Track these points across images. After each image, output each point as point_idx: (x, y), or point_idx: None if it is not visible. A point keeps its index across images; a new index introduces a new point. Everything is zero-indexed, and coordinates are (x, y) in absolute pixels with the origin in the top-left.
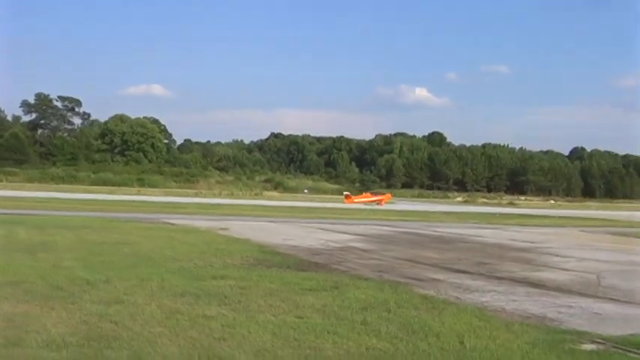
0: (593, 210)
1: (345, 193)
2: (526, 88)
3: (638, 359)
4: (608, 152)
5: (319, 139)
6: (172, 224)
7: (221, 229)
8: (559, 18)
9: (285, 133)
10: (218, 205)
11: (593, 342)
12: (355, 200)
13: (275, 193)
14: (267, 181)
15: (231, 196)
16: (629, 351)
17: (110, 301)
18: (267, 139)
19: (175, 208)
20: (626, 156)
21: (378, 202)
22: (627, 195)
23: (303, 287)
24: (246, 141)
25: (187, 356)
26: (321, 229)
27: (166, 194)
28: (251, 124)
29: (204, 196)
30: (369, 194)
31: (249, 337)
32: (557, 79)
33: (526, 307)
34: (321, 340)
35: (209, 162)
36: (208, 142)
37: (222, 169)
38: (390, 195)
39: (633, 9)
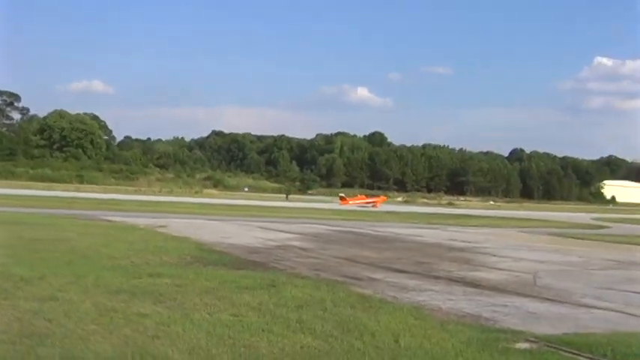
0: (532, 211)
1: (340, 195)
2: (467, 90)
3: (569, 358)
4: (547, 154)
5: (260, 138)
6: (110, 221)
7: (159, 226)
8: (499, 20)
9: (227, 131)
10: (157, 202)
11: (527, 341)
12: (350, 202)
13: (215, 191)
14: (207, 179)
15: (171, 193)
16: (562, 350)
17: (44, 298)
18: (208, 137)
19: (114, 205)
20: (564, 158)
21: (373, 204)
22: (565, 196)
23: (239, 285)
24: (187, 138)
25: (121, 354)
26: (260, 227)
27: (105, 191)
28: (192, 122)
29: (144, 194)
30: (363, 196)
31: (184, 335)
32: (498, 80)
33: (462, 307)
34: (256, 339)
35: (149, 159)
36: (149, 139)
37: (162, 167)
38: (384, 197)
39: (573, 13)
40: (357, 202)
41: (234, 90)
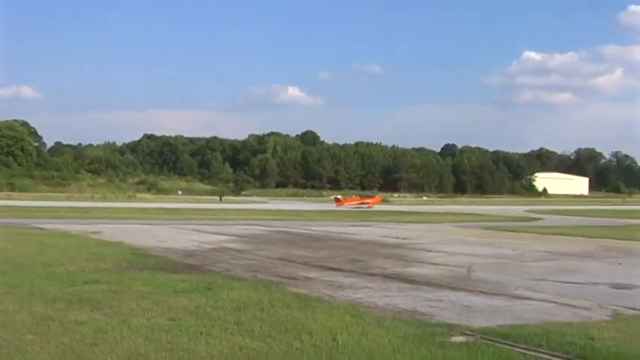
0: (465, 205)
1: (335, 197)
2: (398, 87)
3: (505, 349)
4: (479, 148)
5: (192, 140)
6: (43, 229)
7: (93, 232)
8: (428, 17)
9: (158, 134)
10: (90, 208)
11: (462, 334)
12: (345, 204)
13: (148, 195)
14: (140, 183)
15: (104, 199)
16: (497, 342)
17: None
18: (139, 141)
19: (47, 212)
20: (495, 152)
21: (369, 206)
22: (497, 190)
23: (176, 289)
24: (119, 143)
25: None
26: (195, 230)
27: (37, 198)
28: (123, 126)
29: (76, 200)
30: (358, 197)
31: (122, 341)
32: (428, 77)
33: (397, 303)
34: (194, 342)
35: (81, 165)
36: (80, 144)
37: (94, 172)
38: (379, 198)
39: (502, 9)
40: (351, 204)
41: (165, 93)
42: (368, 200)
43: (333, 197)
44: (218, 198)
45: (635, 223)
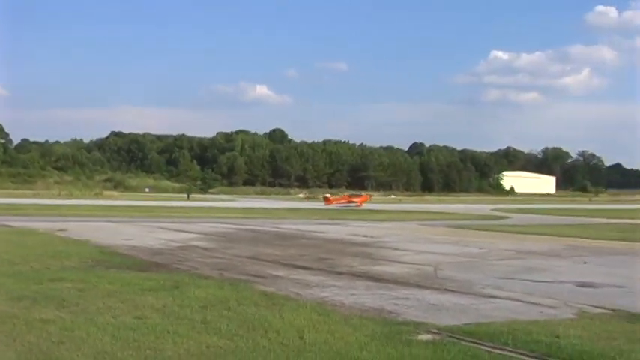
0: (432, 204)
1: (324, 195)
2: (366, 85)
3: (471, 347)
4: (446, 147)
5: (160, 138)
6: (9, 226)
7: (59, 230)
8: (396, 15)
9: (126, 131)
10: (57, 205)
11: (429, 332)
12: (334, 202)
13: (115, 193)
14: (107, 180)
15: (71, 196)
16: (463, 340)
17: None
18: (107, 138)
19: (13, 209)
20: (463, 151)
21: (358, 204)
22: (465, 188)
23: (143, 287)
24: (86, 140)
25: None
26: (162, 228)
27: (3, 195)
28: (90, 123)
29: (43, 197)
30: (346, 196)
31: (88, 339)
32: (396, 75)
33: (364, 301)
34: (161, 341)
35: (47, 162)
36: (47, 141)
37: (61, 169)
38: (367, 196)
39: (470, 8)
40: (339, 203)
41: (132, 90)
42: (355, 199)
43: (322, 196)
44: (186, 196)
45: (601, 222)
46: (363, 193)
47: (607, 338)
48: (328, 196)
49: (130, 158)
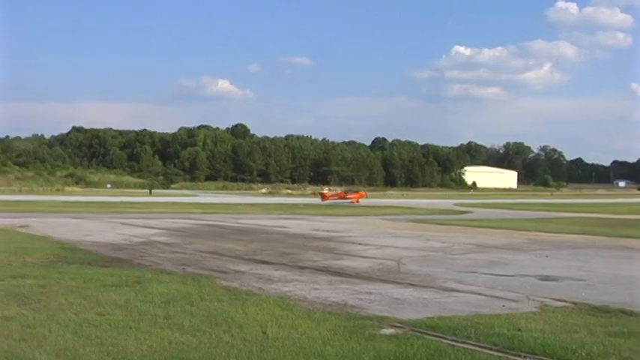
0: (395, 198)
1: (321, 191)
2: (328, 80)
3: (434, 341)
4: (409, 142)
5: (122, 133)
6: None
7: (20, 226)
8: (358, 10)
9: (87, 126)
10: (18, 201)
11: (392, 326)
12: (330, 198)
13: (77, 189)
14: (68, 176)
15: (32, 192)
16: (426, 333)
17: None
18: (68, 134)
19: None
20: (425, 145)
21: (353, 201)
22: (427, 183)
23: (105, 283)
24: (47, 135)
25: None
26: (124, 223)
27: None
28: (52, 118)
29: (3, 193)
30: (341, 192)
31: (50, 336)
32: (359, 70)
33: (327, 295)
34: (123, 337)
35: (8, 157)
36: (7, 137)
37: (21, 165)
38: (363, 193)
39: (432, 3)
40: (334, 198)
41: (94, 85)
42: (350, 195)
43: (317, 192)
44: (148, 191)
45: (562, 216)
46: (360, 190)
47: (568, 331)
48: (325, 191)
49: (92, 153)
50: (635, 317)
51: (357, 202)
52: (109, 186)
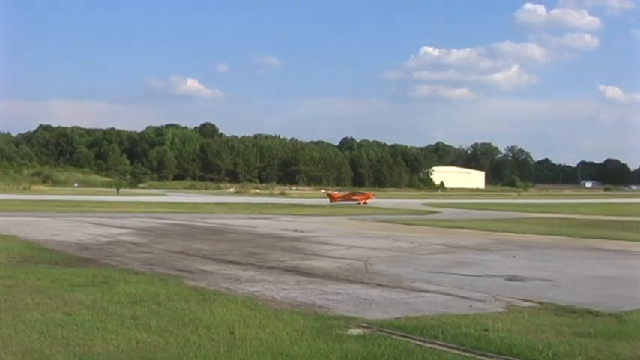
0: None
1: (328, 192)
2: (297, 80)
3: (402, 341)
4: (377, 142)
5: (89, 132)
6: None
7: None
8: (328, 11)
9: (54, 125)
10: None
11: (359, 327)
12: (338, 199)
13: (44, 187)
14: (35, 174)
15: None
16: (393, 333)
17: None
18: (35, 132)
19: None
20: (394, 146)
21: (359, 202)
22: (395, 183)
23: (71, 283)
24: (14, 133)
25: None
26: (91, 223)
27: None
28: (19, 116)
29: None
30: (349, 194)
31: (16, 337)
32: (327, 70)
33: (295, 296)
34: (90, 337)
35: None
36: None
37: None
38: (370, 194)
39: (401, 4)
40: (345, 201)
41: (62, 83)
42: (357, 197)
43: (326, 193)
44: (115, 190)
45: (530, 216)
46: (367, 192)
47: (535, 331)
48: (336, 193)
49: (59, 152)
50: (601, 317)
51: (365, 203)
52: (76, 185)
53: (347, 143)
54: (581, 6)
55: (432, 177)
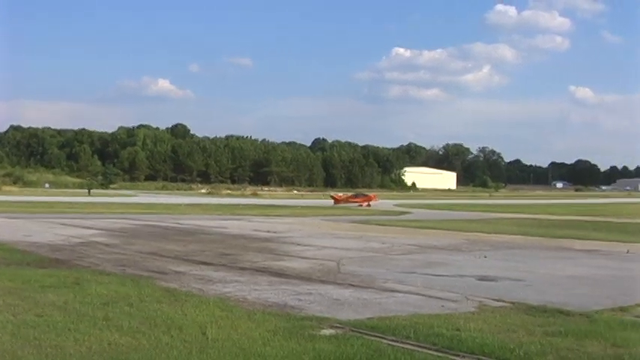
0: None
1: (331, 194)
2: (269, 81)
3: (374, 341)
4: (349, 143)
5: (60, 132)
6: None
7: None
8: (299, 13)
9: (25, 125)
10: None
11: (331, 327)
12: (342, 201)
13: (14, 188)
14: (6, 175)
15: None
16: (366, 334)
17: None
18: (6, 132)
19: None
20: (365, 146)
21: (361, 204)
22: (367, 184)
23: (43, 285)
24: None
25: None
26: (63, 224)
27: None
28: None
29: None
30: (352, 195)
31: None
32: (299, 71)
33: (267, 296)
34: (62, 339)
35: None
36: None
37: None
38: (373, 196)
39: (373, 5)
40: (349, 202)
41: (32, 83)
42: (358, 199)
43: (330, 195)
44: (86, 191)
45: (501, 216)
46: (370, 193)
47: (507, 331)
48: (340, 195)
49: (30, 153)
50: (572, 317)
51: (369, 205)
52: (47, 186)
53: (319, 144)
54: (552, 7)
55: (403, 177)
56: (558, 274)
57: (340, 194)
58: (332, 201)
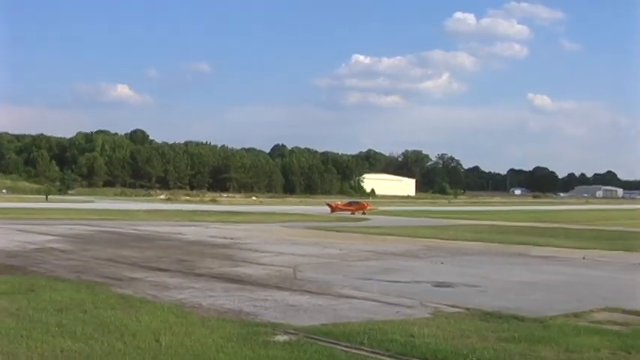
0: (294, 205)
1: (327, 202)
2: (228, 87)
3: (328, 347)
4: (308, 149)
5: (18, 137)
6: None
7: None
8: (258, 19)
9: None
10: None
11: (286, 333)
12: (338, 209)
13: None
14: None
15: None
16: (320, 340)
17: None
18: None
19: None
20: (324, 153)
21: (354, 212)
22: (326, 190)
23: None
24: None
25: None
26: (19, 230)
27: None
28: None
29: None
30: (346, 203)
31: None
32: (259, 77)
33: (223, 303)
34: (14, 345)
35: None
36: None
37: None
38: (366, 204)
39: (332, 12)
40: (344, 209)
41: None
42: (351, 207)
43: (326, 203)
44: (44, 197)
45: (459, 223)
46: (364, 202)
47: (461, 336)
48: (338, 203)
49: None
50: (526, 322)
51: (363, 213)
52: (4, 191)
53: (278, 150)
54: (511, 15)
55: (363, 184)
56: (514, 280)
57: (338, 202)
58: (328, 209)
